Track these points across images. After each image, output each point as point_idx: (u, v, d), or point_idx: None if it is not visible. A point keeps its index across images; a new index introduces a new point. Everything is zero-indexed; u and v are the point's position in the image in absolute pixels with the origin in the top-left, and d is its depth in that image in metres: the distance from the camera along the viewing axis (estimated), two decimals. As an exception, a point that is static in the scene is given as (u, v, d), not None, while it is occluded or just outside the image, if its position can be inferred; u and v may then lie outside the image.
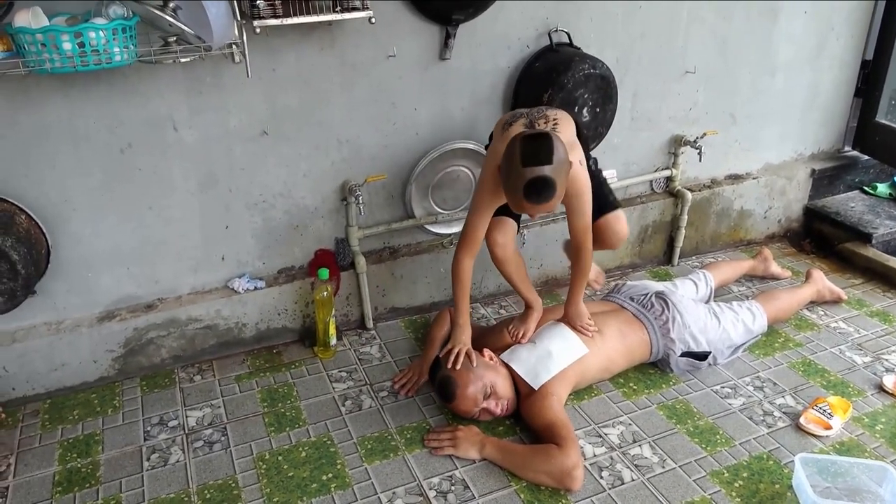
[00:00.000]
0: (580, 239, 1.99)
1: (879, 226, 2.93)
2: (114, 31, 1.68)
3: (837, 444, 1.91)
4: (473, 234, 1.97)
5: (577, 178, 1.85)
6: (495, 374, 1.95)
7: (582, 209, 1.93)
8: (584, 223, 1.96)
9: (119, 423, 2.02)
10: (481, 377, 1.91)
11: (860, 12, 2.95)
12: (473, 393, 1.89)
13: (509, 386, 1.97)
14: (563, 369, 1.97)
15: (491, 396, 1.92)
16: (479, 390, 1.90)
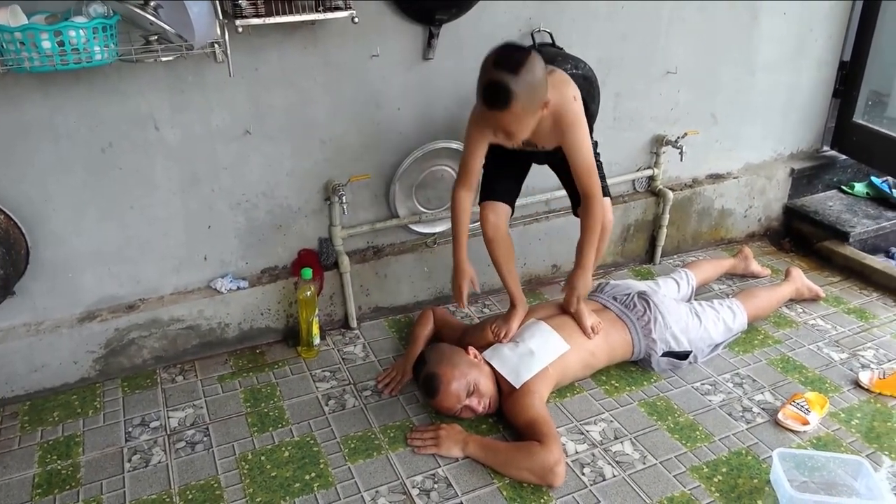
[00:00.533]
0: (584, 183, 1.90)
1: (857, 224, 2.98)
2: (94, 30, 1.67)
3: (815, 440, 1.94)
4: (467, 166, 1.97)
5: (569, 110, 1.81)
6: (479, 372, 1.96)
7: (578, 144, 1.85)
8: (585, 161, 1.87)
9: (100, 424, 2.00)
10: (465, 374, 1.92)
11: (838, 14, 2.99)
12: (457, 390, 1.90)
13: (492, 384, 1.98)
14: (545, 367, 1.98)
15: (474, 394, 1.93)
16: (462, 387, 1.91)
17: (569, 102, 1.82)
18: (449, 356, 1.96)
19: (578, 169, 1.89)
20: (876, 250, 3.02)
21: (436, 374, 1.92)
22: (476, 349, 2.05)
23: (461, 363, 1.95)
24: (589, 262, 2.01)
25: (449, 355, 1.97)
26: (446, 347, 2.03)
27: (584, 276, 2.03)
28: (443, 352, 2.00)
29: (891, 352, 2.33)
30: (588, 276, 2.03)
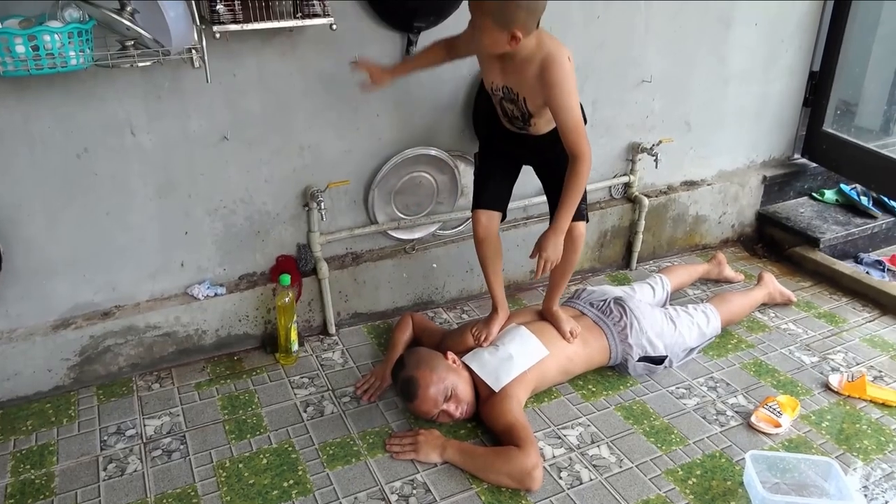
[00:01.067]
0: (570, 142, 1.85)
1: (827, 231, 3.05)
2: (69, 35, 1.66)
3: (786, 442, 1.98)
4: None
5: (558, 64, 1.77)
6: (457, 377, 1.97)
7: (564, 102, 1.80)
8: (571, 120, 1.82)
9: (74, 432, 1.98)
10: (443, 379, 1.93)
11: (808, 25, 3.06)
12: (435, 394, 1.91)
13: (470, 389, 1.99)
14: (523, 372, 2.00)
15: (451, 399, 1.94)
16: (440, 392, 1.91)
17: (559, 56, 1.78)
18: (427, 360, 1.97)
19: (564, 127, 1.84)
20: (845, 256, 3.09)
21: (414, 378, 1.92)
22: (455, 354, 2.06)
23: (439, 367, 1.95)
24: (563, 225, 1.92)
25: (427, 359, 1.98)
26: (425, 352, 2.04)
27: (554, 238, 1.93)
28: (421, 356, 2.00)
29: (859, 355, 2.39)
30: (559, 240, 1.94)
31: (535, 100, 1.87)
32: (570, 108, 1.82)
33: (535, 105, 1.89)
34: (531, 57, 1.80)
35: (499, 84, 1.92)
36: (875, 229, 3.15)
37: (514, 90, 1.89)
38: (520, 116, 1.96)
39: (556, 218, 1.92)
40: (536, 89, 1.83)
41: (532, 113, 1.92)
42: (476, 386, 2.01)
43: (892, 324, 2.58)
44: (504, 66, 1.87)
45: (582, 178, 1.88)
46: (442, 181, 2.49)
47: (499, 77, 1.91)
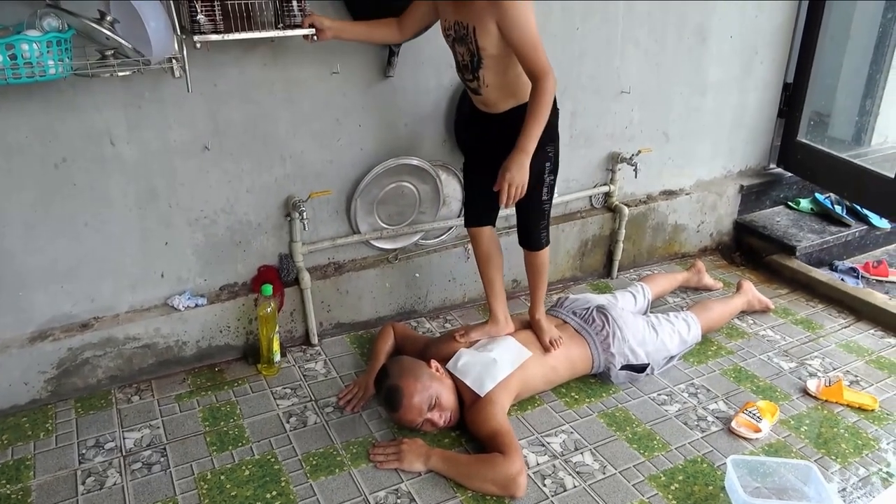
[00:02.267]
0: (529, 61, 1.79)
1: (802, 239, 3.10)
2: (48, 44, 1.65)
3: (766, 446, 2.01)
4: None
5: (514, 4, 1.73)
6: (441, 385, 1.97)
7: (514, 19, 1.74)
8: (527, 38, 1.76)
9: (52, 446, 1.94)
10: (427, 388, 1.93)
11: (781, 38, 3.13)
12: (419, 403, 1.91)
13: (454, 397, 1.99)
14: (507, 378, 2.01)
15: (435, 408, 1.93)
16: (424, 401, 1.91)
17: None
18: (411, 369, 1.97)
19: (519, 44, 1.77)
20: (821, 263, 3.14)
21: (398, 388, 1.92)
22: (439, 361, 2.06)
23: (423, 376, 1.95)
24: (528, 145, 1.82)
25: (411, 368, 1.98)
26: (408, 360, 2.04)
27: (518, 159, 1.83)
28: (404, 365, 2.00)
29: (836, 360, 2.43)
30: (525, 161, 1.83)
31: (485, 26, 1.78)
32: (523, 23, 1.74)
33: (485, 38, 1.80)
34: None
35: (451, 21, 1.89)
36: (849, 237, 3.22)
37: (464, 22, 1.83)
38: (469, 62, 1.89)
39: (522, 138, 1.82)
40: (487, 12, 1.77)
41: (481, 54, 1.84)
42: (460, 393, 2.01)
43: (866, 329, 2.63)
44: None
45: (547, 96, 1.80)
46: (424, 191, 2.49)
47: (451, 13, 1.88)
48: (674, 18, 2.80)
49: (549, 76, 1.81)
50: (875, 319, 2.68)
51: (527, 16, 1.76)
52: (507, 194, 1.86)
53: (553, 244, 2.83)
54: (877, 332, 2.61)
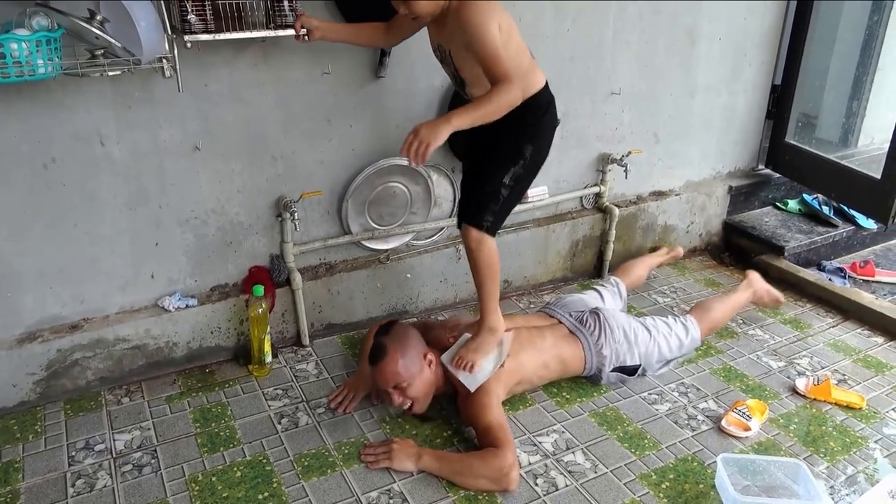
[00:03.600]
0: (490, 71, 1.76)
1: (791, 239, 3.13)
2: (37, 43, 1.64)
3: (756, 445, 2.02)
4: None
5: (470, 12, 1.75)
6: (419, 377, 1.95)
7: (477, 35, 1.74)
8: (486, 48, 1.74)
9: (41, 448, 1.93)
10: (405, 369, 1.92)
11: (769, 40, 3.16)
12: (389, 375, 1.92)
13: (427, 391, 1.99)
14: (500, 370, 2.01)
15: (399, 391, 1.94)
16: (394, 377, 1.92)
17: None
18: (405, 344, 1.96)
19: (481, 58, 1.76)
20: (809, 263, 3.17)
21: (384, 349, 1.93)
22: (438, 349, 2.07)
23: (409, 358, 1.95)
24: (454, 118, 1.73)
25: (406, 343, 1.96)
26: (413, 335, 2.02)
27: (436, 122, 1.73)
28: (405, 337, 1.99)
29: (824, 359, 2.45)
30: (442, 128, 1.71)
31: (459, 49, 1.85)
32: (484, 37, 1.74)
33: (460, 58, 1.87)
34: (451, 5, 1.82)
35: (435, 42, 1.95)
36: (836, 237, 3.25)
37: (445, 46, 1.90)
38: (454, 78, 1.97)
39: (454, 111, 1.77)
40: (457, 35, 1.82)
41: (461, 72, 1.91)
42: (454, 384, 2.02)
43: (854, 328, 2.66)
44: (437, 22, 1.88)
45: (498, 97, 1.73)
46: (416, 191, 2.50)
47: (434, 34, 1.94)
48: (664, 20, 2.82)
49: (511, 80, 1.74)
50: (862, 319, 2.71)
51: (484, 28, 1.74)
52: (407, 142, 1.73)
53: (544, 244, 2.85)
54: (864, 331, 2.64)
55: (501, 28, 1.80)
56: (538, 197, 2.78)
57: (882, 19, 3.24)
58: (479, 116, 1.75)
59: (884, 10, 3.22)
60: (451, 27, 1.84)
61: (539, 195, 2.79)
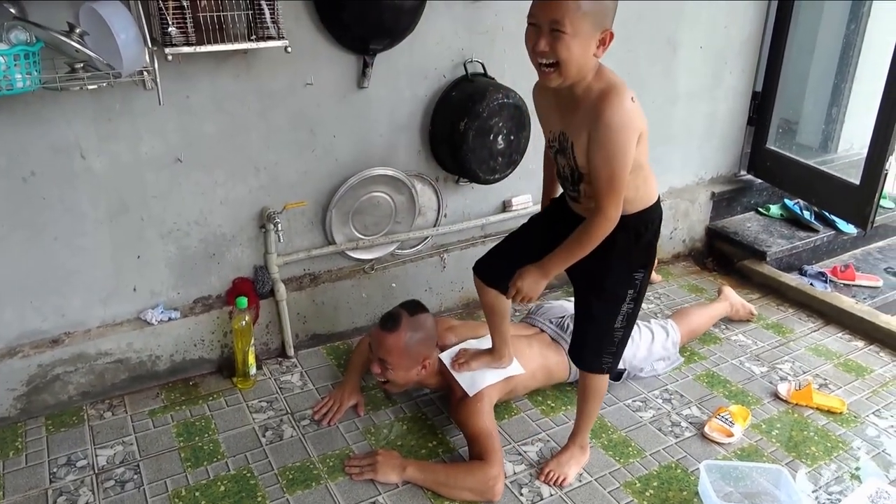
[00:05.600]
0: (598, 194, 1.57)
1: (773, 244, 3.16)
2: (15, 57, 1.63)
3: (739, 451, 2.04)
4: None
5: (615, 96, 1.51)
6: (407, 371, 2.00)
7: (605, 141, 1.51)
8: (607, 167, 1.53)
9: (21, 465, 1.91)
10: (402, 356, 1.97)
11: (750, 48, 3.19)
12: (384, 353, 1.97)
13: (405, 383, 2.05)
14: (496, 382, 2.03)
15: (383, 365, 1.98)
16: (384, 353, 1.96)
17: (621, 90, 1.53)
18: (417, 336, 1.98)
19: (596, 173, 1.55)
20: (790, 268, 3.20)
21: (397, 326, 1.95)
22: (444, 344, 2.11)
23: (411, 351, 1.97)
24: (550, 268, 1.69)
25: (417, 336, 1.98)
26: (427, 334, 2.03)
27: (534, 275, 1.69)
28: (422, 330, 2.01)
29: (806, 364, 2.47)
30: (540, 281, 1.70)
31: (583, 143, 1.57)
32: (614, 153, 1.51)
33: (583, 153, 1.58)
34: (591, 87, 1.56)
35: (556, 131, 1.68)
36: (817, 242, 3.28)
37: (567, 134, 1.62)
38: (569, 176, 1.69)
39: (548, 259, 1.69)
40: (585, 126, 1.55)
41: (581, 170, 1.63)
42: (451, 385, 2.03)
43: (835, 333, 2.69)
44: (562, 106, 1.63)
45: (592, 237, 1.61)
46: (400, 201, 2.50)
47: (557, 121, 1.66)
48: (646, 29, 2.84)
49: (607, 220, 1.59)
50: (842, 323, 2.74)
51: (619, 145, 1.52)
52: (510, 295, 1.75)
53: (529, 252, 2.85)
54: (844, 335, 2.67)
55: (640, 139, 1.58)
56: (523, 205, 2.79)
57: (858, 28, 3.29)
58: (575, 257, 1.66)
59: (860, 20, 3.27)
60: (582, 111, 1.56)
61: (524, 203, 2.80)
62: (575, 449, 1.94)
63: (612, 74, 1.59)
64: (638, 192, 1.68)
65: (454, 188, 2.63)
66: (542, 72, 1.55)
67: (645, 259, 1.76)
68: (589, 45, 1.50)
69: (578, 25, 1.46)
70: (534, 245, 1.82)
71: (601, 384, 1.88)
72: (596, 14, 1.47)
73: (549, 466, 1.92)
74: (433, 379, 2.09)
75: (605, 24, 1.51)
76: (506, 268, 1.82)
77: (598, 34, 1.50)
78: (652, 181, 1.74)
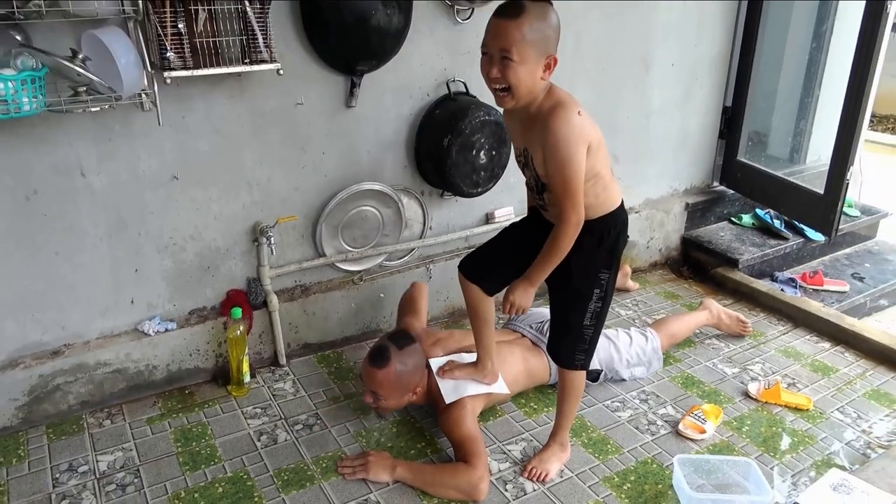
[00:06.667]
0: (558, 202, 1.72)
1: (745, 252, 3.30)
2: (22, 82, 1.72)
3: (711, 446, 2.15)
4: None
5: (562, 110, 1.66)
6: (399, 399, 2.09)
7: (558, 154, 1.66)
8: (561, 175, 1.68)
9: (25, 472, 1.98)
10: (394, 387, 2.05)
11: (719, 65, 3.35)
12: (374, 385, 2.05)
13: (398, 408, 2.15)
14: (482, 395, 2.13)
15: (375, 396, 2.07)
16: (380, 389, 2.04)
17: (569, 105, 1.69)
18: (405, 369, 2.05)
19: (553, 182, 1.71)
20: (762, 275, 3.34)
21: (387, 362, 2.02)
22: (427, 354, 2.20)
23: (402, 383, 2.05)
24: (535, 278, 1.83)
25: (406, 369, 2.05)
26: (416, 364, 2.09)
27: (523, 287, 1.86)
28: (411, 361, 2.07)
29: (775, 365, 2.60)
30: (530, 291, 1.86)
31: (540, 156, 1.73)
32: (564, 161, 1.67)
33: (541, 165, 1.75)
34: (541, 106, 1.72)
35: (520, 147, 1.84)
36: (787, 250, 3.43)
37: (528, 149, 1.79)
38: (535, 186, 1.85)
39: (532, 270, 1.84)
40: (539, 141, 1.71)
41: (543, 180, 1.78)
42: (436, 396, 2.13)
43: (803, 335, 2.82)
44: (523, 125, 1.78)
45: (561, 243, 1.76)
46: (387, 214, 2.61)
47: (520, 139, 1.83)
48: (619, 48, 2.98)
49: (571, 225, 1.73)
50: (811, 326, 2.87)
51: (570, 155, 1.67)
52: (505, 310, 1.91)
53: (511, 262, 2.96)
54: (812, 337, 2.81)
55: (591, 148, 1.71)
56: (505, 217, 2.91)
57: (821, 45, 3.46)
58: (553, 263, 1.80)
59: (822, 37, 3.45)
60: (539, 131, 1.71)
61: (506, 215, 2.92)
62: (556, 447, 2.05)
63: (562, 92, 1.75)
64: (598, 198, 1.82)
65: (439, 202, 2.74)
66: (497, 96, 1.72)
67: (609, 260, 1.89)
68: (535, 70, 1.66)
69: (524, 53, 1.63)
70: (512, 248, 2.03)
71: (578, 381, 2.00)
72: (539, 43, 1.64)
73: (532, 463, 2.02)
74: (423, 399, 2.18)
75: (548, 51, 1.66)
76: (487, 266, 2.05)
77: (543, 60, 1.66)
78: (613, 189, 1.87)
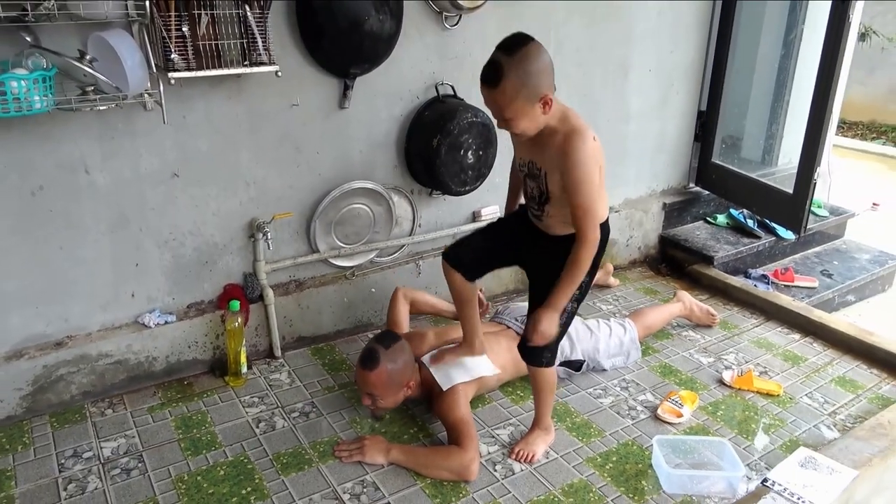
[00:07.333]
0: (577, 223, 1.80)
1: (719, 250, 3.45)
2: (34, 81, 1.80)
3: (687, 429, 2.28)
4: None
5: (579, 137, 1.76)
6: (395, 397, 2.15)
7: (578, 178, 1.76)
8: (582, 197, 1.77)
9: (31, 458, 2.04)
10: (387, 387, 2.11)
11: (694, 71, 3.51)
12: (369, 386, 2.10)
13: (394, 406, 2.19)
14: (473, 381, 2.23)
15: (371, 398, 2.12)
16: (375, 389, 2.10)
17: (585, 132, 1.78)
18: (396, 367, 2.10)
19: (574, 204, 1.80)
20: (736, 272, 3.49)
21: (377, 363, 2.07)
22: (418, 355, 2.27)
23: (394, 381, 2.11)
24: (559, 303, 1.86)
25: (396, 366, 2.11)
26: (405, 360, 2.14)
27: (549, 316, 1.85)
28: (400, 358, 2.12)
29: (748, 355, 2.74)
30: (555, 318, 1.87)
31: (555, 175, 1.83)
32: (585, 185, 1.76)
33: (554, 183, 1.85)
34: (556, 129, 1.81)
35: (526, 159, 1.93)
36: (760, 248, 3.58)
37: (539, 164, 1.88)
38: (537, 196, 1.94)
39: (552, 296, 1.86)
40: (556, 162, 1.81)
41: (549, 194, 1.88)
42: (430, 383, 2.22)
43: (775, 328, 2.97)
44: (532, 139, 1.86)
45: (582, 264, 1.82)
46: (378, 212, 2.71)
47: (527, 152, 1.91)
48: (599, 55, 3.12)
49: (590, 245, 1.81)
50: (782, 319, 3.02)
51: (588, 179, 1.77)
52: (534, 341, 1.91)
53: (497, 259, 3.08)
54: (783, 329, 2.95)
55: (600, 171, 1.82)
56: (491, 215, 3.02)
57: (791, 52, 3.63)
58: (575, 284, 1.85)
59: (792, 45, 3.62)
60: (553, 148, 1.80)
61: (492, 213, 3.03)
62: (539, 430, 2.16)
63: (577, 119, 1.83)
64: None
65: (428, 200, 2.85)
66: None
67: (592, 268, 1.92)
68: (532, 113, 1.76)
69: (515, 109, 1.74)
70: (496, 244, 2.15)
71: (547, 376, 2.08)
72: (526, 92, 1.72)
73: (519, 446, 2.13)
74: (418, 391, 2.26)
75: (538, 93, 1.73)
76: (470, 256, 2.14)
77: (537, 102, 1.74)
78: (604, 204, 1.93)
